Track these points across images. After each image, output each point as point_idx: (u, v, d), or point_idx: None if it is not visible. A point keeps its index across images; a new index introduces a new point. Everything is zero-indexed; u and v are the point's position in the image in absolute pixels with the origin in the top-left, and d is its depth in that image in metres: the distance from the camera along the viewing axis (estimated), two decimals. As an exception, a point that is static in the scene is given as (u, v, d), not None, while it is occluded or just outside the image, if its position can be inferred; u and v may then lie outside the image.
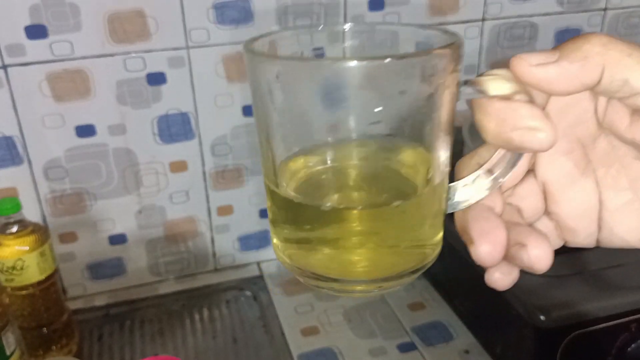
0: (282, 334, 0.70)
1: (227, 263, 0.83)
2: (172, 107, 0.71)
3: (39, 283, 0.61)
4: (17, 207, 0.60)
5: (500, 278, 0.25)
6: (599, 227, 0.26)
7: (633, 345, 0.55)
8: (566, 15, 0.82)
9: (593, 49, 0.22)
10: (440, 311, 0.73)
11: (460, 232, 0.25)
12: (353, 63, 0.22)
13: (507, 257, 0.24)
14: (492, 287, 0.26)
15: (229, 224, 0.80)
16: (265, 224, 0.82)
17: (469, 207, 0.25)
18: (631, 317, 0.55)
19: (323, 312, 0.74)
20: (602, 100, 0.24)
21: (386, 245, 0.26)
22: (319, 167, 0.27)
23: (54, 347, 0.65)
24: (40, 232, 0.61)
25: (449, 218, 0.27)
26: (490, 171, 0.25)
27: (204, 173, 0.76)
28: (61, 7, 0.63)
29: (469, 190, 0.26)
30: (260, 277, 0.81)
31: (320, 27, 0.28)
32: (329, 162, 0.27)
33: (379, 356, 0.66)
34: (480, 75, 0.23)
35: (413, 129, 0.25)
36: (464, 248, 0.25)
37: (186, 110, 0.72)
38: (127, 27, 0.66)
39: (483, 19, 0.79)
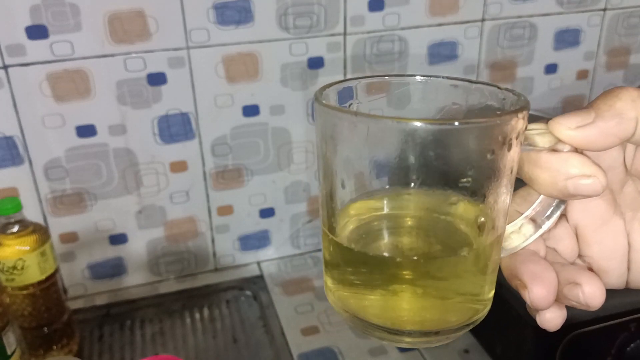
0: (282, 333, 0.70)
1: (227, 263, 0.83)
2: (172, 107, 0.71)
3: (40, 283, 0.61)
4: (18, 207, 0.60)
5: (553, 318, 0.26)
6: (629, 268, 0.27)
7: (632, 345, 0.55)
8: (566, 15, 0.82)
9: (625, 105, 0.23)
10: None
11: (509, 278, 0.26)
12: (438, 125, 0.22)
13: (558, 297, 0.25)
14: (544, 328, 0.27)
15: (229, 224, 0.80)
16: (265, 224, 0.82)
17: (516, 253, 0.26)
18: (630, 317, 0.55)
19: (323, 312, 0.74)
20: (630, 149, 0.26)
21: (437, 298, 0.26)
22: (376, 214, 0.28)
23: (54, 347, 0.65)
24: (40, 232, 0.61)
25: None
26: (534, 219, 0.26)
27: (204, 173, 0.76)
28: (61, 7, 0.63)
29: (516, 237, 0.26)
30: (261, 276, 0.81)
31: (386, 77, 0.29)
32: (386, 210, 0.28)
33: (378, 356, 0.66)
34: (525, 130, 0.25)
35: (486, 182, 0.25)
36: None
37: (186, 111, 0.72)
38: (127, 27, 0.66)
39: (482, 20, 0.79)
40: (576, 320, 0.54)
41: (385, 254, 0.26)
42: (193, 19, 0.68)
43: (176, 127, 0.72)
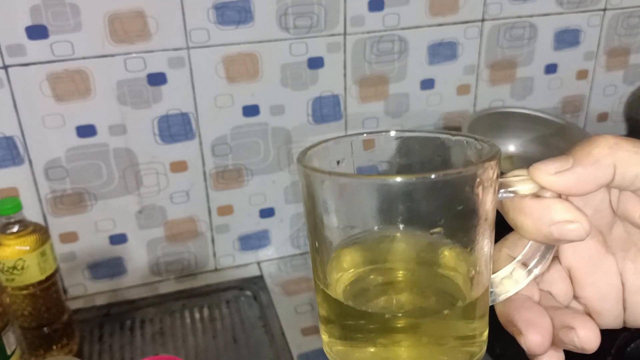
0: (282, 333, 0.70)
1: (227, 263, 0.83)
2: (172, 108, 0.71)
3: (40, 283, 0.61)
4: (18, 207, 0.60)
5: None
6: (625, 308, 0.27)
7: (632, 345, 0.55)
8: (565, 15, 0.82)
9: (602, 151, 0.24)
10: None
11: (505, 324, 0.27)
12: (411, 179, 0.23)
13: (554, 341, 0.26)
14: None
15: (229, 224, 0.80)
16: (265, 224, 0.82)
17: (509, 299, 0.27)
18: (630, 317, 0.55)
19: (323, 311, 0.74)
20: (614, 192, 0.26)
21: (434, 346, 0.26)
22: (366, 269, 0.29)
23: (54, 347, 0.65)
24: (40, 232, 0.61)
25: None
26: (525, 263, 0.26)
27: (204, 173, 0.76)
28: (61, 8, 0.63)
29: (508, 282, 0.27)
30: (260, 277, 0.81)
31: (364, 135, 0.30)
32: (376, 264, 0.29)
33: (378, 356, 0.66)
34: (505, 176, 0.25)
35: (466, 233, 0.25)
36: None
37: (186, 111, 0.72)
38: (128, 28, 0.66)
39: (482, 20, 0.79)
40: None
41: (381, 311, 0.27)
42: (193, 19, 0.68)
43: (176, 127, 0.72)
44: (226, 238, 0.81)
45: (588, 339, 0.25)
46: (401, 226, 0.26)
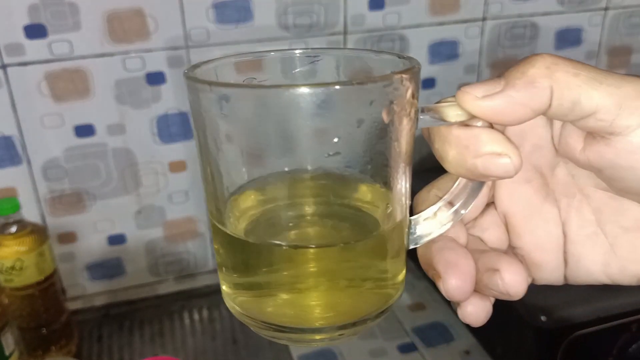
0: (282, 334, 0.70)
1: (226, 263, 0.82)
2: (171, 107, 0.71)
3: (38, 283, 0.61)
4: (16, 207, 0.60)
5: (475, 311, 0.24)
6: (565, 261, 0.25)
7: (634, 346, 0.55)
8: (567, 14, 0.82)
9: (538, 72, 0.20)
10: (440, 312, 0.72)
11: (425, 267, 0.24)
12: (305, 90, 0.20)
13: (479, 287, 0.23)
14: (466, 323, 0.24)
15: (229, 224, 0.80)
16: (265, 224, 0.82)
17: (432, 241, 0.24)
18: (632, 318, 0.55)
19: (323, 312, 0.73)
20: (557, 126, 0.23)
21: (346, 288, 0.24)
22: (271, 204, 0.26)
23: (53, 348, 0.64)
24: (39, 233, 0.61)
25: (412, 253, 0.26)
26: (451, 203, 0.24)
27: (203, 173, 0.76)
28: (60, 7, 0.63)
29: (431, 223, 0.24)
30: (260, 277, 0.81)
31: (272, 53, 0.26)
32: (281, 198, 0.26)
33: (379, 357, 0.66)
34: (436, 102, 0.23)
35: (372, 161, 0.23)
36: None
37: (186, 110, 0.71)
38: (127, 27, 0.66)
39: (483, 19, 0.78)
40: (577, 321, 0.54)
41: (282, 244, 0.24)
42: (192, 18, 0.67)
43: (175, 127, 0.72)
44: (226, 238, 0.81)
45: (513, 282, 0.22)
46: (307, 155, 0.23)
